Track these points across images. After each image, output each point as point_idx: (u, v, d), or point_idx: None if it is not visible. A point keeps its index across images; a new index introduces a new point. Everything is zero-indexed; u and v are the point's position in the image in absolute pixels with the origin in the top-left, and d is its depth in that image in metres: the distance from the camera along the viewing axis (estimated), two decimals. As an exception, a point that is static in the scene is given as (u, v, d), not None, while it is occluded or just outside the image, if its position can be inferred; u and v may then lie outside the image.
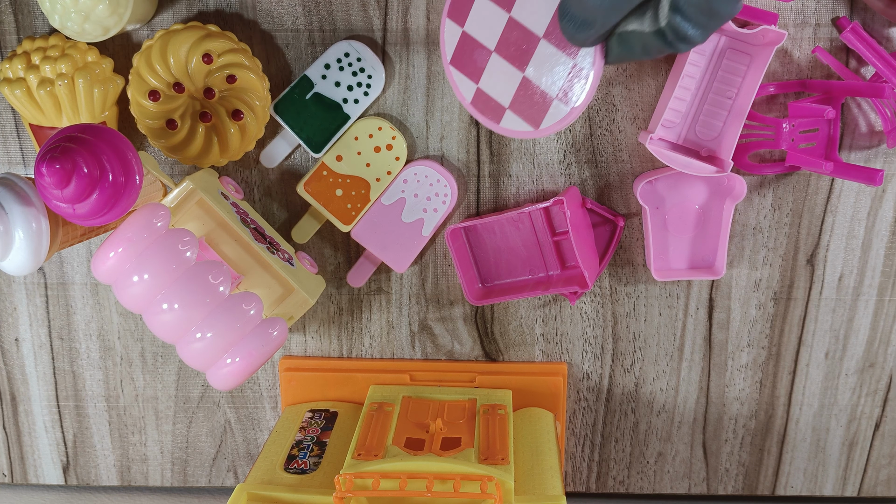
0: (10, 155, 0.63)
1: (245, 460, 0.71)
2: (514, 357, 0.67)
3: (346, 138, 0.61)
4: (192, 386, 0.69)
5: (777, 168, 0.60)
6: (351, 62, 0.59)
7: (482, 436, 0.57)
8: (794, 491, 0.70)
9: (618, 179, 0.62)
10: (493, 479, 0.51)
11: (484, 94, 0.55)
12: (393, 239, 0.62)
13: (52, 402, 0.70)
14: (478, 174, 0.62)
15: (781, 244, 0.63)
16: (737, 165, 0.60)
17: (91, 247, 0.65)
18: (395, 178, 0.61)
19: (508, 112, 0.55)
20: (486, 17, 0.53)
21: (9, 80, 0.57)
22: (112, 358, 0.68)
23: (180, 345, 0.53)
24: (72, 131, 0.48)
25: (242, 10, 0.59)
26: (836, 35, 0.58)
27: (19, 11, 0.60)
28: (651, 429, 0.68)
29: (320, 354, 0.68)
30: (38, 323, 0.67)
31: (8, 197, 0.50)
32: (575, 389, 0.67)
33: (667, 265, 0.63)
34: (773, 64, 0.59)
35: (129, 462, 0.71)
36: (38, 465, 0.71)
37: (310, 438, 0.61)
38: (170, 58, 0.56)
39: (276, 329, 0.55)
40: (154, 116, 0.57)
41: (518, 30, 0.53)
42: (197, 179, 0.57)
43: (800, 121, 0.58)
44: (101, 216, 0.49)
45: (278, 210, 0.64)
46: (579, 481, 0.70)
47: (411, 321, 0.66)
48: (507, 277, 0.65)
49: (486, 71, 0.54)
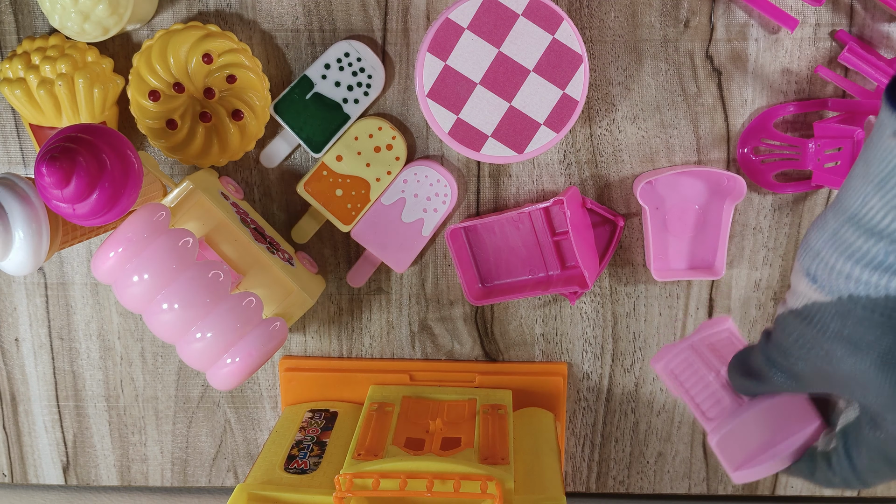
0: (10, 155, 0.63)
1: (245, 460, 0.71)
2: (514, 357, 0.67)
3: (346, 138, 0.61)
4: (192, 386, 0.69)
5: (802, 187, 0.61)
6: (351, 62, 0.59)
7: (482, 436, 0.57)
8: (795, 491, 0.70)
9: (618, 179, 0.62)
10: (494, 479, 0.51)
11: (464, 124, 0.55)
12: (393, 239, 0.62)
13: (52, 402, 0.69)
14: (478, 174, 0.62)
15: (781, 244, 0.63)
16: (761, 185, 0.61)
17: (91, 247, 0.65)
18: (395, 178, 0.61)
19: (491, 140, 0.56)
20: (472, 52, 0.54)
21: (9, 80, 0.57)
22: (112, 358, 0.68)
23: (180, 345, 0.53)
24: (72, 131, 0.48)
25: (242, 10, 0.59)
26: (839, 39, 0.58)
27: (19, 11, 0.60)
28: (651, 429, 0.68)
29: (320, 354, 0.68)
30: (38, 323, 0.67)
31: (8, 197, 0.50)
32: (575, 389, 0.67)
33: (667, 265, 0.63)
34: (778, 81, 0.59)
35: (129, 462, 0.71)
36: (38, 465, 0.71)
37: (310, 438, 0.61)
38: (170, 58, 0.56)
39: (276, 329, 0.55)
40: (154, 116, 0.57)
41: (507, 63, 0.54)
42: (197, 179, 0.57)
43: (825, 140, 0.58)
44: (101, 216, 0.49)
45: (278, 210, 0.64)
46: (579, 481, 0.70)
47: (411, 321, 0.66)
48: (507, 277, 0.65)
49: (469, 102, 0.55)
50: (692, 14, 0.58)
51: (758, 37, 0.59)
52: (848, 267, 0.36)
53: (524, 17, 0.54)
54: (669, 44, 0.59)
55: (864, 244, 0.35)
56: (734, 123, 0.61)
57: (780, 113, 0.60)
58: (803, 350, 0.38)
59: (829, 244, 0.37)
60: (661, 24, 0.59)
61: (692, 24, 0.59)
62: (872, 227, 0.35)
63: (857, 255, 0.36)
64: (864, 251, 0.35)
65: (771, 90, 0.60)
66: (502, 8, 0.54)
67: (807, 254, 0.38)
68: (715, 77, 0.60)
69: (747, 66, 0.59)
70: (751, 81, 0.60)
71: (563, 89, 0.55)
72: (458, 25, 0.54)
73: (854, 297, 0.36)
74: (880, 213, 0.35)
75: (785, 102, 0.60)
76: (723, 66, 0.59)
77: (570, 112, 0.55)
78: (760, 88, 0.60)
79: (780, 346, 0.40)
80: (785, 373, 0.40)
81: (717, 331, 0.51)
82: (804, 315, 0.38)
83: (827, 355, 0.37)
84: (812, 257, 0.38)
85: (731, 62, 0.59)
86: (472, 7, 0.54)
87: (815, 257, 0.38)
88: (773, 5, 0.57)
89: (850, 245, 0.36)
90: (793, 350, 0.39)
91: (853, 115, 0.58)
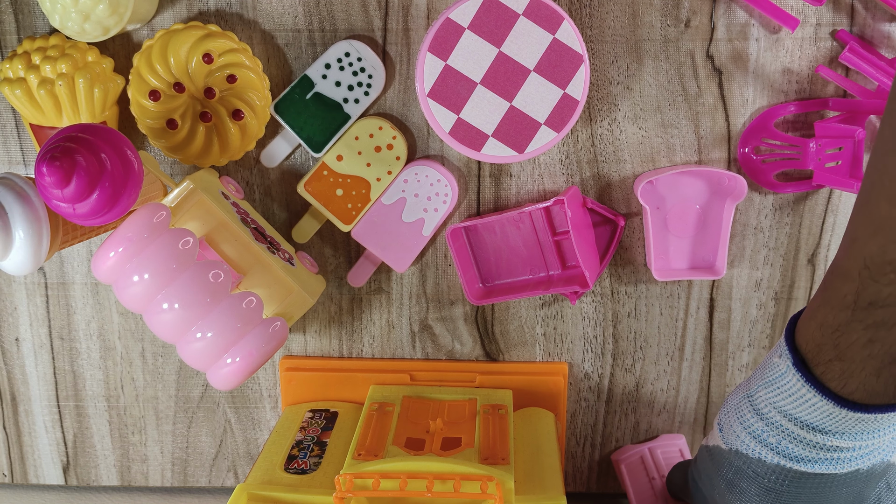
0: (10, 155, 0.63)
1: (245, 460, 0.71)
2: (514, 357, 0.67)
3: (346, 138, 0.61)
4: (193, 386, 0.69)
5: (803, 186, 0.61)
6: (351, 62, 0.59)
7: (482, 436, 0.57)
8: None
9: (618, 179, 0.62)
10: (494, 479, 0.51)
11: (465, 124, 0.55)
12: (393, 239, 0.62)
13: (52, 402, 0.69)
14: (478, 174, 0.62)
15: (782, 244, 0.63)
16: (762, 185, 0.61)
17: (91, 247, 0.65)
18: (396, 177, 0.61)
19: (491, 139, 0.56)
20: (473, 52, 0.54)
21: (9, 80, 0.57)
22: (112, 358, 0.68)
23: (180, 345, 0.53)
24: (72, 131, 0.48)
25: (242, 10, 0.59)
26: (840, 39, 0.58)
27: (19, 11, 0.60)
28: (652, 429, 0.68)
29: (320, 354, 0.68)
30: (38, 323, 0.67)
31: (8, 197, 0.50)
32: (575, 389, 0.67)
33: (667, 265, 0.63)
34: (778, 80, 0.59)
35: (129, 462, 0.71)
36: (38, 465, 0.71)
37: (310, 438, 0.61)
38: (170, 58, 0.56)
39: (276, 329, 0.55)
40: (154, 116, 0.57)
41: (507, 63, 0.54)
42: (197, 179, 0.57)
43: (826, 140, 0.58)
44: (101, 216, 0.49)
45: (278, 210, 0.64)
46: (579, 481, 0.70)
47: (412, 321, 0.66)
48: (508, 277, 0.65)
49: (470, 102, 0.55)
50: (693, 14, 0.58)
51: (758, 36, 0.59)
52: (738, 429, 0.48)
53: (525, 17, 0.54)
54: (670, 43, 0.59)
55: (751, 419, 0.47)
56: (735, 123, 0.60)
57: (780, 112, 0.60)
58: (706, 477, 0.51)
59: (734, 410, 0.49)
60: (662, 23, 0.59)
61: (693, 24, 0.59)
62: (758, 411, 0.47)
63: (744, 423, 0.48)
64: (749, 423, 0.47)
65: (772, 90, 0.60)
66: (503, 8, 0.54)
67: (722, 409, 0.51)
68: (716, 77, 0.60)
69: (748, 65, 0.59)
70: (751, 81, 0.60)
71: (564, 89, 0.55)
72: (459, 25, 0.54)
73: (739, 452, 0.48)
74: (763, 403, 0.47)
75: (786, 102, 0.60)
76: (723, 65, 0.59)
77: (570, 112, 0.55)
78: (761, 88, 0.60)
79: (696, 470, 0.53)
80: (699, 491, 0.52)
81: (671, 444, 0.67)
82: (711, 452, 0.51)
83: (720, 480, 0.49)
84: (724, 413, 0.50)
85: (731, 62, 0.59)
86: (473, 7, 0.54)
87: (725, 414, 0.50)
88: (774, 5, 0.57)
89: (742, 416, 0.48)
90: (702, 475, 0.52)
91: (854, 115, 0.58)
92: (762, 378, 0.47)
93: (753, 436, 0.47)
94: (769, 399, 0.46)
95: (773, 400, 0.46)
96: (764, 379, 0.47)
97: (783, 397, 0.45)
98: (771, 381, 0.46)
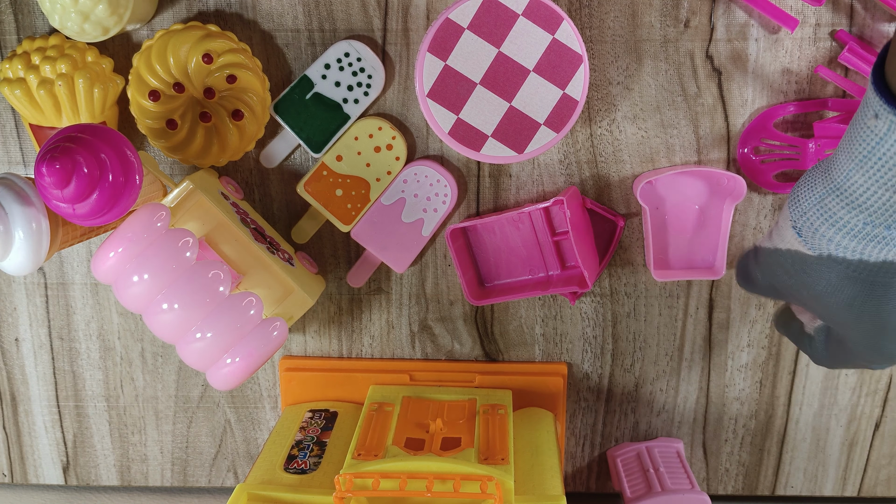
0: (10, 155, 0.63)
1: (245, 460, 0.71)
2: (514, 357, 0.67)
3: (346, 138, 0.61)
4: (192, 386, 0.69)
5: None
6: (351, 62, 0.59)
7: (482, 436, 0.57)
8: (794, 491, 0.70)
9: (618, 179, 0.62)
10: (493, 479, 0.51)
11: (464, 124, 0.55)
12: (393, 239, 0.62)
13: (52, 402, 0.70)
14: (478, 174, 0.62)
15: (781, 244, 0.63)
16: (761, 185, 0.61)
17: (91, 247, 0.65)
18: (395, 178, 0.61)
19: (491, 140, 0.56)
20: (472, 52, 0.54)
21: (9, 80, 0.57)
22: (112, 358, 0.68)
23: (180, 345, 0.53)
24: (72, 131, 0.48)
25: (242, 10, 0.59)
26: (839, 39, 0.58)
27: (19, 11, 0.60)
28: (651, 429, 0.68)
29: (320, 354, 0.68)
30: (38, 323, 0.67)
31: (8, 197, 0.50)
32: (575, 389, 0.67)
33: (667, 265, 0.63)
34: (778, 81, 0.59)
35: (129, 462, 0.71)
36: (38, 465, 0.71)
37: (310, 438, 0.61)
38: (170, 58, 0.56)
39: (276, 329, 0.55)
40: (154, 116, 0.57)
41: (507, 63, 0.54)
42: (197, 179, 0.57)
43: (825, 140, 0.58)
44: (101, 216, 0.49)
45: (278, 210, 0.64)
46: (579, 481, 0.70)
47: (411, 321, 0.66)
48: (507, 277, 0.65)
49: (469, 102, 0.55)
50: (692, 14, 0.58)
51: (758, 37, 0.59)
52: (830, 233, 0.42)
53: (524, 17, 0.54)
54: (669, 44, 0.59)
55: (845, 215, 0.41)
56: (734, 123, 0.61)
57: (780, 113, 0.60)
58: (785, 278, 0.46)
59: (816, 209, 0.43)
60: (662, 24, 0.59)
61: (692, 24, 0.59)
62: (853, 201, 0.41)
63: (838, 224, 0.41)
64: (845, 221, 0.41)
65: (771, 90, 0.60)
66: (502, 8, 0.54)
67: (795, 209, 0.44)
68: (715, 77, 0.60)
69: (747, 66, 0.59)
70: (751, 81, 0.60)
71: (564, 89, 0.55)
72: (458, 25, 0.54)
73: (833, 258, 0.42)
74: (860, 188, 0.40)
75: (785, 102, 0.60)
76: (723, 66, 0.59)
77: (570, 112, 0.55)
78: (760, 88, 0.60)
79: (767, 270, 0.47)
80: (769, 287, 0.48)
81: (669, 445, 0.67)
82: (789, 257, 0.45)
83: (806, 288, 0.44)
84: (800, 215, 0.44)
85: (731, 62, 0.59)
86: (472, 7, 0.54)
87: (802, 215, 0.44)
88: (774, 5, 0.57)
89: (833, 214, 0.42)
90: (777, 277, 0.46)
91: (853, 115, 0.58)
92: (853, 157, 0.40)
93: (854, 234, 0.41)
94: (870, 178, 0.39)
95: (876, 176, 0.39)
96: (856, 157, 0.40)
97: (890, 166, 0.38)
98: (869, 154, 0.39)
